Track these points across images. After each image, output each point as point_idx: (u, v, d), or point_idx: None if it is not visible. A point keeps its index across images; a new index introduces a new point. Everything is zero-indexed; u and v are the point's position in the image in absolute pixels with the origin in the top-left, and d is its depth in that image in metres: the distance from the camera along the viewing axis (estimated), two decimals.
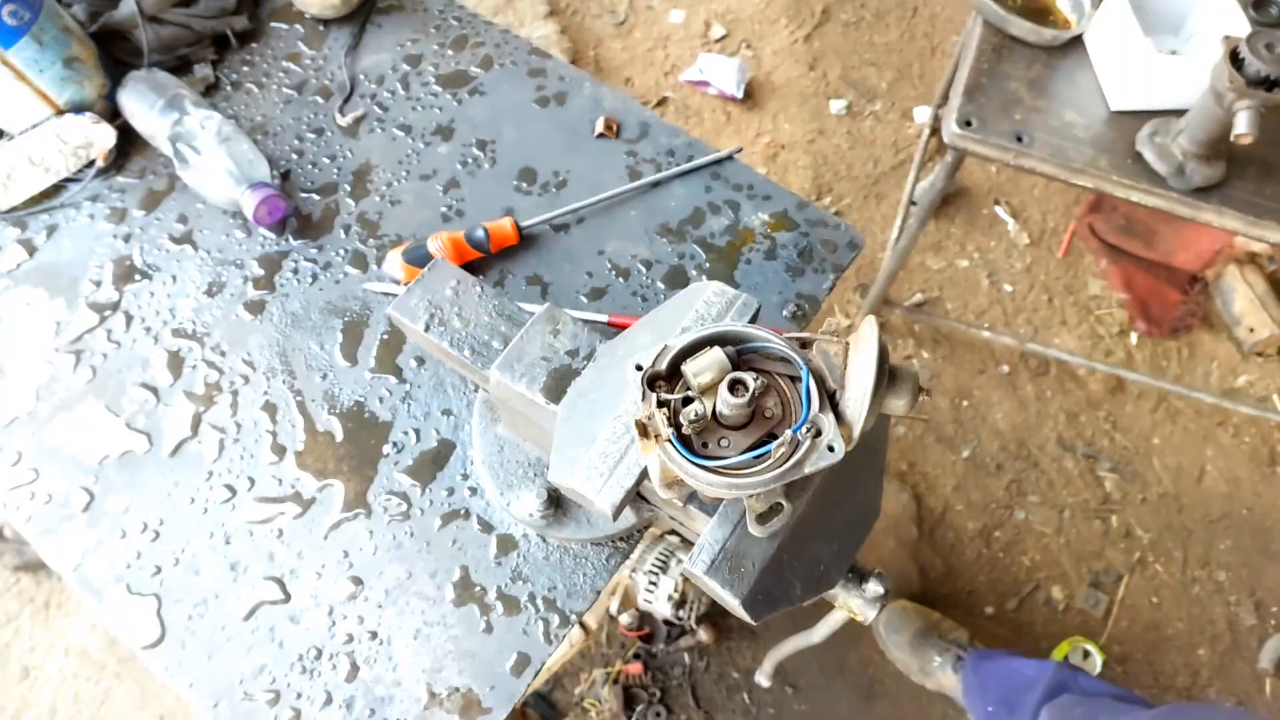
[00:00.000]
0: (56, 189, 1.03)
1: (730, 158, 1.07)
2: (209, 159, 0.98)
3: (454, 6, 1.20)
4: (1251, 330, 2.07)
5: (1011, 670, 1.57)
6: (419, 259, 0.97)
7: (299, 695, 0.79)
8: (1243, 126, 1.05)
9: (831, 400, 0.53)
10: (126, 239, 1.01)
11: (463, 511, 0.87)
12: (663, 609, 1.38)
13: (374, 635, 0.82)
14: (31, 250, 1.00)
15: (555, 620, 0.82)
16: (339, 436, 0.90)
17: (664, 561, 1.34)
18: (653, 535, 1.32)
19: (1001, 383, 2.09)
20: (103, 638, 1.85)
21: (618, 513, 0.60)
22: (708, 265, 1.01)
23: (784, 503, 0.57)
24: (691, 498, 0.66)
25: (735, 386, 0.51)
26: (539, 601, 0.83)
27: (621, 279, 1.00)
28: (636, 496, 0.67)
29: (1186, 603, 1.94)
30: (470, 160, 1.08)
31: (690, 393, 0.54)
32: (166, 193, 1.04)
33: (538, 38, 2.45)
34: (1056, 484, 1.99)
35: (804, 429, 0.51)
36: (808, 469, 0.51)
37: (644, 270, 1.01)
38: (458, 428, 0.91)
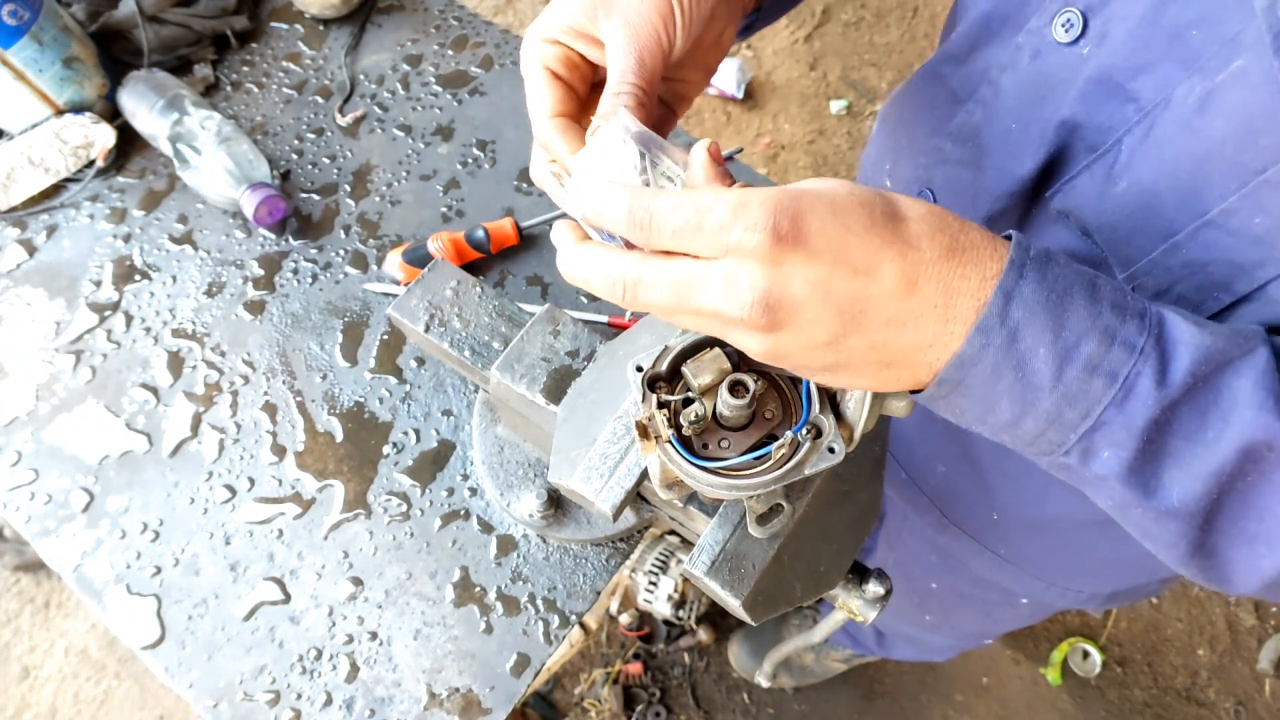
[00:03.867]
0: (56, 189, 1.03)
1: (730, 158, 1.07)
2: (209, 159, 0.98)
3: (454, 6, 1.20)
4: None
5: None
6: (419, 259, 0.97)
7: (299, 696, 0.79)
8: None
9: (832, 401, 0.53)
10: (126, 239, 1.01)
11: (463, 512, 0.87)
12: (663, 609, 1.38)
13: (374, 636, 0.82)
14: (31, 250, 1.00)
15: (555, 621, 0.82)
16: (339, 437, 0.90)
17: (664, 562, 1.34)
18: (653, 535, 1.32)
19: None
20: (103, 638, 1.85)
21: (618, 514, 0.60)
22: None
23: (784, 504, 0.57)
24: (692, 499, 0.66)
25: (736, 388, 0.51)
26: (539, 602, 0.83)
27: None
28: (637, 497, 0.67)
29: (1186, 603, 1.94)
30: (470, 160, 1.08)
31: (691, 394, 0.54)
32: (166, 193, 1.04)
33: None
34: None
35: (804, 430, 0.51)
36: (808, 470, 0.51)
37: None
38: (458, 428, 0.91)
